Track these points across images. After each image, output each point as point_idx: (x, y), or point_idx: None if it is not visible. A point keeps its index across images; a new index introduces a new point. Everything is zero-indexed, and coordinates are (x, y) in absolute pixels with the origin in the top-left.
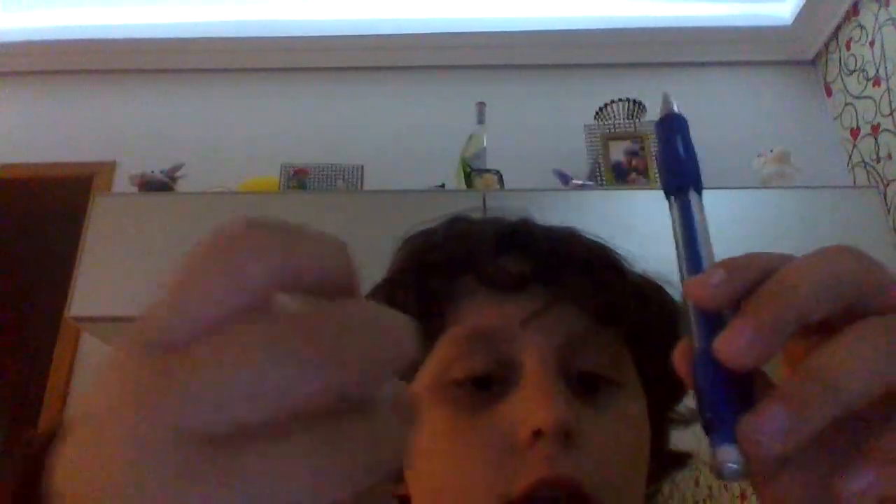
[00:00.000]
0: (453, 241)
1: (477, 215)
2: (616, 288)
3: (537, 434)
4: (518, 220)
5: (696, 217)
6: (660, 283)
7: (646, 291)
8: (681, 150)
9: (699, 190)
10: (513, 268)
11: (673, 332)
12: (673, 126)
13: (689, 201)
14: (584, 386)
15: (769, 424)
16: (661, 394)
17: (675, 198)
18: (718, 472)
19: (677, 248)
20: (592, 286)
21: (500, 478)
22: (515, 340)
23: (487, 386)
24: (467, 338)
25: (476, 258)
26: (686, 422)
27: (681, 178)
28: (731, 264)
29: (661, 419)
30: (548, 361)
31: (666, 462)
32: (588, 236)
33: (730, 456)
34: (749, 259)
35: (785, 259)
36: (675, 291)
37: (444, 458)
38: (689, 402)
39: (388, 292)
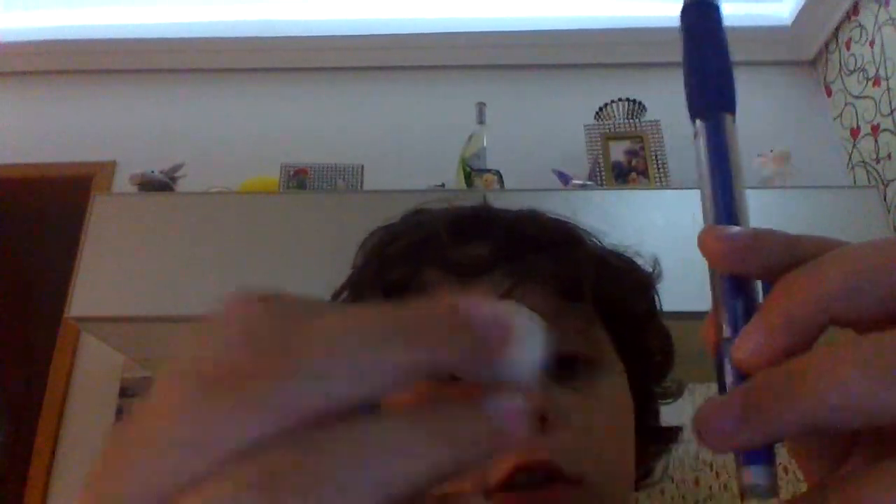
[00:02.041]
0: (412, 232)
1: (438, 205)
2: (578, 263)
3: None
4: (476, 206)
5: (729, 146)
6: (629, 255)
7: (611, 263)
8: (711, 54)
9: (732, 111)
10: (473, 253)
11: (645, 303)
12: (700, 17)
13: (721, 125)
14: (560, 367)
15: (719, 422)
16: (642, 368)
17: (703, 120)
18: (743, 494)
19: (702, 188)
20: (554, 264)
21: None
22: None
23: None
24: None
25: (436, 247)
26: (673, 395)
27: (711, 93)
28: (762, 234)
29: (645, 394)
30: None
31: (655, 439)
32: (549, 215)
33: (756, 477)
34: (787, 238)
35: (832, 246)
36: (646, 263)
37: None
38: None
39: (354, 289)
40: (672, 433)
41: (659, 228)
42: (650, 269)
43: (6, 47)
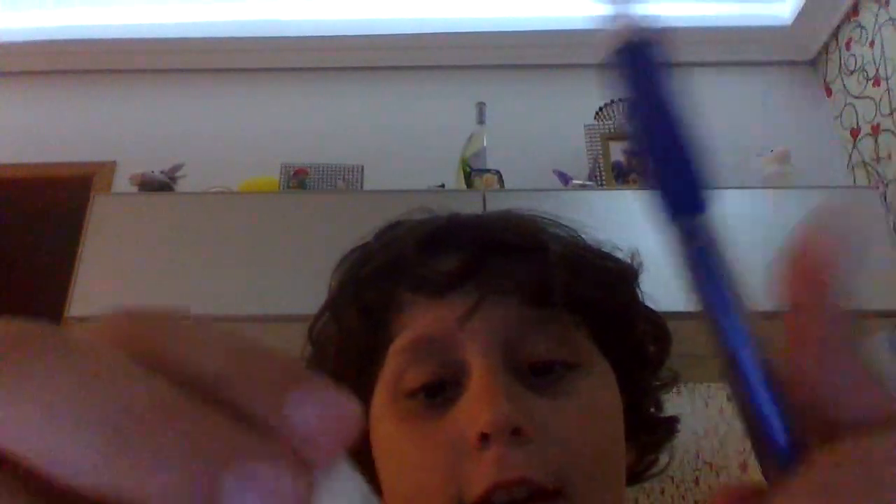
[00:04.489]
0: (383, 252)
1: (413, 218)
2: (546, 267)
3: (485, 437)
4: (443, 218)
5: (713, 258)
6: (605, 250)
7: (584, 262)
8: (665, 122)
9: (703, 206)
10: (441, 269)
11: (624, 296)
12: (642, 72)
13: (698, 232)
14: (539, 375)
15: None
16: (634, 361)
17: (676, 224)
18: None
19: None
20: (523, 271)
21: (455, 482)
22: (457, 342)
23: (441, 391)
24: (410, 347)
25: (405, 266)
26: (667, 385)
27: (677, 190)
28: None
29: (637, 388)
30: (491, 358)
31: (653, 430)
32: (521, 217)
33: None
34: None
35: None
36: (625, 256)
37: (402, 465)
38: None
39: (333, 311)
40: (670, 423)
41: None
42: (628, 261)
43: (6, 47)
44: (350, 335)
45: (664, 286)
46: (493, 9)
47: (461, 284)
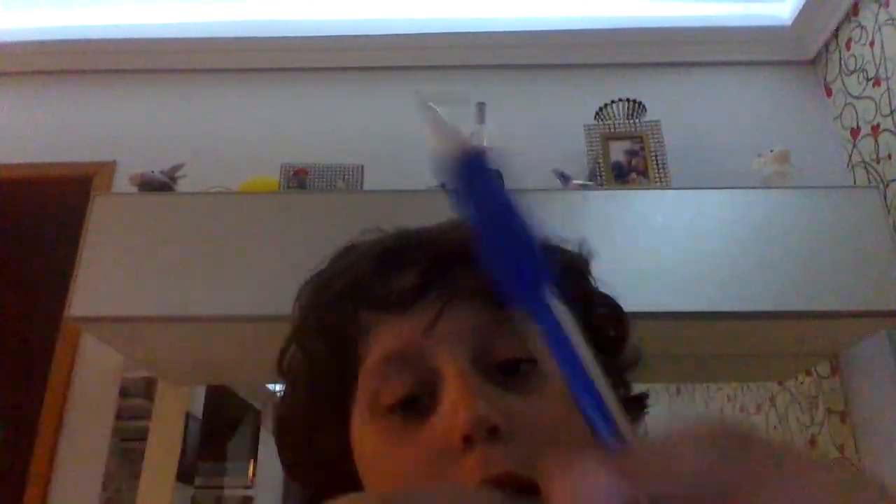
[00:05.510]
0: (340, 276)
1: (367, 238)
2: None
3: (468, 439)
4: (395, 235)
5: (565, 326)
6: (553, 244)
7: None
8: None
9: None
10: (401, 285)
11: (578, 286)
12: (478, 178)
13: (549, 310)
14: (507, 373)
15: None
16: (596, 346)
17: (525, 306)
18: None
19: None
20: (480, 275)
21: None
22: (426, 351)
23: (418, 402)
24: (381, 365)
25: (365, 286)
26: (632, 365)
27: (524, 273)
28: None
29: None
30: (461, 362)
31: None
32: (466, 224)
33: None
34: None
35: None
36: (573, 247)
37: (389, 477)
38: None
39: (299, 342)
40: (639, 400)
41: (659, 228)
42: (577, 252)
43: (6, 47)
44: (319, 363)
45: (666, 287)
46: (493, 9)
47: (422, 296)
